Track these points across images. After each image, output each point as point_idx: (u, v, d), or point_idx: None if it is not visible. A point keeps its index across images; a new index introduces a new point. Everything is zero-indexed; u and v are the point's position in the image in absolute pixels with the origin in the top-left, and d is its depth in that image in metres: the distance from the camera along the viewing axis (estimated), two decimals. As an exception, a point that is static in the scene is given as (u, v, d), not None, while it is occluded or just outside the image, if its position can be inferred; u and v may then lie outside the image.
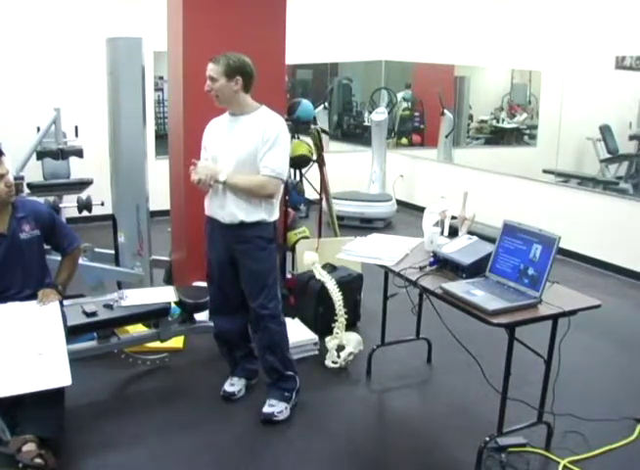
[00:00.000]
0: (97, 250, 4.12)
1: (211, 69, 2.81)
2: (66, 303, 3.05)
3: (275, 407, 2.97)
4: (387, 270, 3.11)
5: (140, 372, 3.45)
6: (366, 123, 8.15)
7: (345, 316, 3.64)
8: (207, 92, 2.83)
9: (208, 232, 3.06)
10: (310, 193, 4.67)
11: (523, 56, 6.50)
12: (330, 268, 4.01)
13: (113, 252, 4.07)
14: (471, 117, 7.89)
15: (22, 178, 4.38)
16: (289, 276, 4.30)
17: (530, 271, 2.57)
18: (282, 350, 3.03)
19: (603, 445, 2.81)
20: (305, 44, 7.10)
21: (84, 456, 2.67)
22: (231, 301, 3.09)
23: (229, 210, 2.87)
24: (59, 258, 3.14)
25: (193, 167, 2.84)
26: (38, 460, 2.40)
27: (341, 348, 3.53)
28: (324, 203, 4.77)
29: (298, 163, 4.35)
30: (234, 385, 3.20)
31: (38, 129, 5.02)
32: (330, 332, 3.58)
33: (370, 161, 7.52)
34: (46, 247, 3.08)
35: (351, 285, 4.00)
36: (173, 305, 3.43)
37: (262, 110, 2.89)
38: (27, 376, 2.41)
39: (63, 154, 4.72)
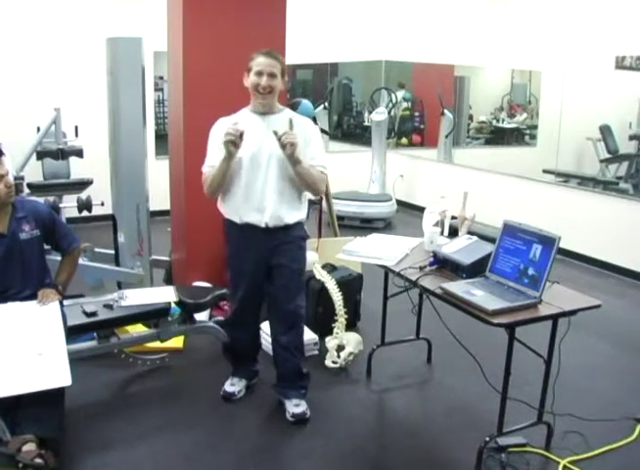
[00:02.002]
0: (97, 250, 4.12)
1: (273, 65, 2.73)
2: (66, 303, 3.04)
3: (301, 406, 2.99)
4: (387, 270, 3.11)
5: (140, 372, 3.45)
6: (366, 123, 8.14)
7: (345, 316, 3.64)
8: (263, 88, 2.72)
9: (235, 240, 2.90)
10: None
11: (523, 56, 6.50)
12: (330, 268, 4.00)
13: (113, 252, 4.07)
14: (471, 118, 7.88)
15: (22, 178, 4.38)
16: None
17: (530, 271, 2.57)
18: (304, 349, 3.11)
19: (603, 445, 2.81)
20: (305, 44, 7.10)
21: (84, 456, 2.67)
22: (254, 311, 3.05)
23: (272, 213, 2.77)
24: (59, 258, 3.14)
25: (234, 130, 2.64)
26: (38, 460, 2.40)
27: (341, 348, 3.53)
28: (324, 203, 4.77)
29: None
30: (234, 385, 3.19)
31: (38, 129, 5.02)
32: (330, 332, 3.58)
33: (370, 161, 7.52)
34: (46, 247, 3.08)
35: (351, 285, 4.00)
36: (173, 305, 3.43)
37: (287, 110, 2.90)
38: (27, 376, 2.41)
39: (63, 154, 4.72)
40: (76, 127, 5.47)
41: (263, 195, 2.76)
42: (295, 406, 2.99)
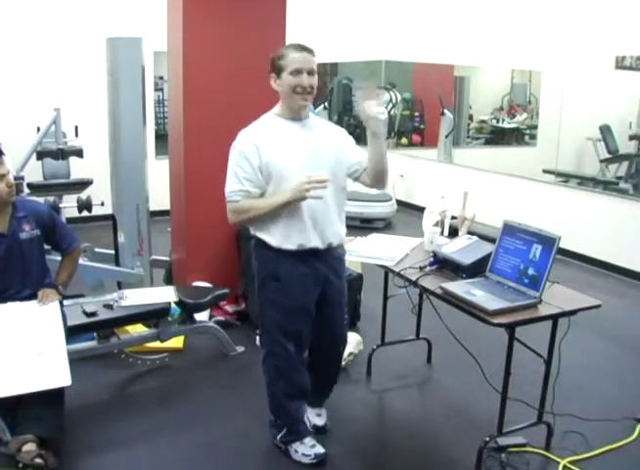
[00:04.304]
0: (97, 250, 4.12)
1: (311, 60, 2.39)
2: (66, 303, 3.05)
3: (323, 417, 2.92)
4: (387, 270, 3.10)
5: (140, 372, 3.45)
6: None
7: (346, 316, 3.63)
8: (304, 88, 2.37)
9: (287, 271, 2.44)
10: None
11: (523, 56, 6.50)
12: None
13: (113, 252, 4.07)
14: (471, 117, 7.88)
15: (22, 178, 4.38)
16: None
17: (530, 271, 2.57)
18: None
19: (603, 445, 2.81)
20: (305, 44, 7.09)
21: (84, 456, 2.67)
22: (305, 349, 2.64)
23: (336, 230, 2.50)
24: (59, 258, 3.14)
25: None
26: (38, 460, 2.40)
27: (341, 348, 3.52)
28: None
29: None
30: (316, 444, 2.70)
31: (38, 129, 5.02)
32: (330, 332, 3.57)
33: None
34: (46, 247, 3.08)
35: (351, 285, 3.97)
36: (173, 305, 3.43)
37: (311, 114, 2.58)
38: (27, 376, 2.41)
39: (63, 154, 4.72)
40: (76, 127, 5.47)
41: (326, 214, 2.44)
42: (317, 417, 2.90)
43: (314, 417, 2.92)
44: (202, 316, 3.78)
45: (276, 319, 2.52)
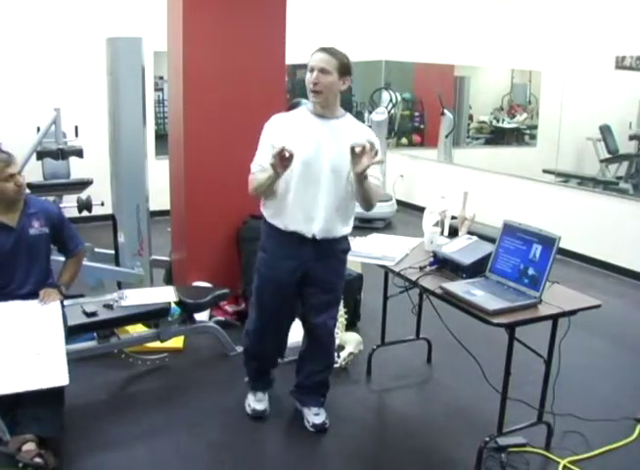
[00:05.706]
0: (97, 250, 4.12)
1: (326, 60, 2.52)
2: (66, 303, 3.04)
3: (321, 416, 2.93)
4: (387, 270, 3.10)
5: (140, 372, 3.45)
6: (366, 123, 8.14)
7: (345, 316, 3.64)
8: (314, 84, 2.52)
9: (273, 246, 2.69)
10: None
11: (523, 56, 6.50)
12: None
13: (113, 252, 4.07)
14: (471, 117, 7.88)
15: (22, 178, 4.38)
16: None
17: (530, 271, 2.57)
18: (334, 362, 3.07)
19: (603, 445, 2.81)
20: (305, 44, 7.08)
21: (84, 456, 2.67)
22: (282, 324, 2.88)
23: (325, 224, 2.60)
24: (62, 259, 3.15)
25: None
26: (38, 460, 2.40)
27: (341, 348, 3.53)
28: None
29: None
30: (262, 401, 3.00)
31: (38, 129, 5.01)
32: (330, 332, 3.57)
33: (370, 161, 7.50)
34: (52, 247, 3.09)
35: (351, 285, 3.99)
36: (173, 305, 3.43)
37: (349, 116, 2.70)
38: (25, 375, 2.41)
39: (63, 154, 4.72)
40: (76, 127, 5.46)
41: (315, 205, 2.58)
42: (315, 416, 2.92)
43: (312, 416, 2.93)
44: (202, 316, 3.78)
45: (256, 287, 2.79)
